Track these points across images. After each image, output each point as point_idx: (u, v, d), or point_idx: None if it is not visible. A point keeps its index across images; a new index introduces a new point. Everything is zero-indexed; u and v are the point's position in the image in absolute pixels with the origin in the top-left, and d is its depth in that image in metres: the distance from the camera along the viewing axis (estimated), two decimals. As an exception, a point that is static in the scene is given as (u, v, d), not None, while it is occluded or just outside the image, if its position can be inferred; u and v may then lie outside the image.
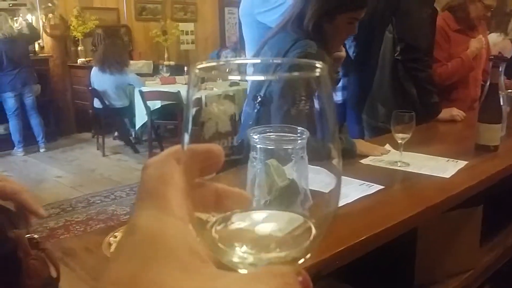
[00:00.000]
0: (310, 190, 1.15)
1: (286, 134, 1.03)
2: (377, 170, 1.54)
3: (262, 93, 1.36)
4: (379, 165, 1.59)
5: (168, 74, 5.94)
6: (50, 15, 6.17)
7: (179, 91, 4.91)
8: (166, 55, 7.20)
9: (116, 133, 5.95)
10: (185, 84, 5.46)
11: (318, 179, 1.42)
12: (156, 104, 5.08)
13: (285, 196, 0.99)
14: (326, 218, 0.40)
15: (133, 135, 5.80)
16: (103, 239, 0.93)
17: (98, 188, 4.29)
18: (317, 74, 0.39)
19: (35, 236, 0.63)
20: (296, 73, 1.28)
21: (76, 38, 6.47)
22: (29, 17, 6.26)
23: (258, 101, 1.41)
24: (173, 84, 5.46)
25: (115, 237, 0.92)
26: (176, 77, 5.78)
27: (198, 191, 0.32)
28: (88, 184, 4.44)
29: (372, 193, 1.30)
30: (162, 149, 4.56)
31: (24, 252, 0.59)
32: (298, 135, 1.05)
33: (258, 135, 1.03)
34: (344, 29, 1.57)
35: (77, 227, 3.44)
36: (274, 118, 1.40)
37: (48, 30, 6.21)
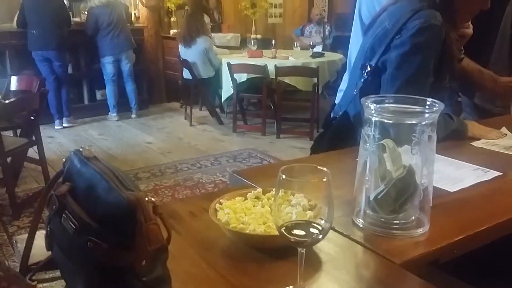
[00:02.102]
0: (434, 187, 1.04)
1: (410, 106, 0.94)
2: (491, 155, 1.40)
3: (373, 62, 1.26)
4: (493, 149, 1.45)
5: (255, 47, 5.93)
6: (147, -14, 6.39)
7: (266, 65, 4.89)
8: (253, 28, 7.18)
9: (200, 104, 6.09)
10: (272, 57, 5.43)
11: (447, 172, 1.28)
12: (242, 77, 5.11)
13: (400, 191, 0.91)
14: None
15: (218, 106, 5.90)
16: (207, 204, 0.92)
17: (185, 155, 4.44)
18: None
19: (153, 199, 0.62)
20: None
21: (170, 9, 6.65)
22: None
23: (367, 70, 1.31)
24: (260, 58, 5.44)
25: (220, 203, 0.91)
26: (263, 50, 5.76)
27: None
28: (176, 151, 4.61)
29: (489, 180, 1.18)
30: (245, 122, 4.58)
31: (146, 216, 0.58)
32: (427, 107, 0.96)
33: (375, 105, 0.95)
34: (477, 1, 1.40)
35: (165, 191, 3.59)
36: (386, 90, 1.29)
37: (144, 1, 6.44)
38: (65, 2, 5.61)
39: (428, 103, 0.89)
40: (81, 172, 0.67)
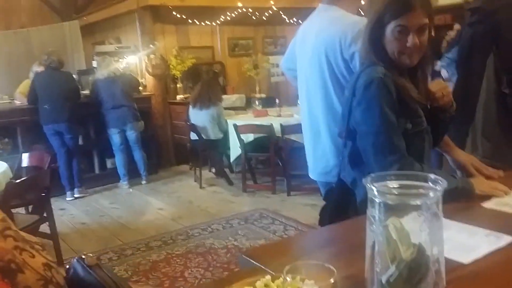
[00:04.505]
0: (446, 259, 1.00)
1: (413, 182, 0.92)
2: (503, 217, 1.35)
3: (345, 127, 1.28)
4: (505, 210, 1.41)
5: (260, 107, 6.04)
6: (152, 56, 6.63)
7: (271, 124, 4.96)
8: (257, 88, 7.35)
9: (210, 165, 6.13)
10: (277, 116, 5.51)
11: (459, 240, 1.24)
12: (249, 137, 5.17)
13: (412, 272, 0.89)
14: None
15: (228, 167, 5.93)
16: (215, 293, 0.91)
17: (197, 220, 4.41)
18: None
19: None
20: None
21: (175, 77, 6.85)
22: (133, 58, 6.78)
23: (344, 136, 1.33)
24: (265, 117, 5.53)
25: (229, 293, 0.89)
26: (268, 109, 5.86)
27: None
28: (187, 216, 4.58)
29: (503, 246, 1.15)
30: (255, 181, 4.54)
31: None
32: (431, 184, 0.94)
33: (377, 186, 0.94)
34: (395, 41, 1.43)
35: (177, 260, 3.53)
36: (364, 146, 1.31)
37: (150, 70, 6.66)
38: (74, 76, 5.83)
39: (431, 178, 0.89)
40: (84, 281, 0.67)
